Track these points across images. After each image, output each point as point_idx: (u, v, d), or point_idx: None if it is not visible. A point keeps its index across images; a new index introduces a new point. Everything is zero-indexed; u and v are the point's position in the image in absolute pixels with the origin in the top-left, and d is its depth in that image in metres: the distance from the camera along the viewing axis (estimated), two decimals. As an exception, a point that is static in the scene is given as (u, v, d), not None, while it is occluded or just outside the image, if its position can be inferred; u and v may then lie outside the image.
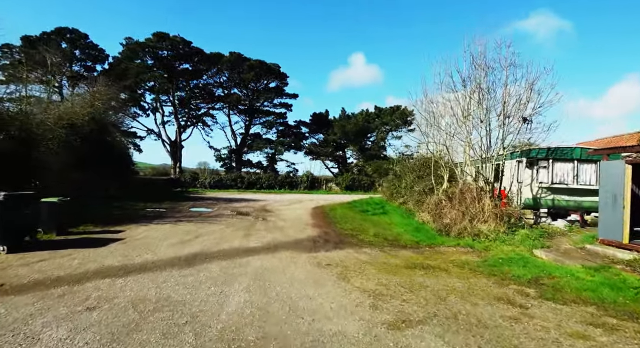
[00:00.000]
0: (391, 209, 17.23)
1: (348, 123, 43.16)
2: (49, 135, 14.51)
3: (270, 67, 41.24)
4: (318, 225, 12.93)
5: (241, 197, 26.43)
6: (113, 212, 13.88)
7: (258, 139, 45.09)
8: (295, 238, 10.25)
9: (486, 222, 10.61)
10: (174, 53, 38.37)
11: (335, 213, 16.23)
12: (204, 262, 7.08)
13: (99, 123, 18.29)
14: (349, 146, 46.21)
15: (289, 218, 14.55)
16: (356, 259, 7.80)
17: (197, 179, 36.20)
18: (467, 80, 11.45)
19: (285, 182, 36.84)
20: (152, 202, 19.05)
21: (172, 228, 11.01)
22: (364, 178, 37.52)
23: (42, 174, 14.60)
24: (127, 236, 9.53)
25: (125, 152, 23.03)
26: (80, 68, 40.45)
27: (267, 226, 12.22)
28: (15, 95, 18.71)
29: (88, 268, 6.42)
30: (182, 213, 14.73)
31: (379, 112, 46.57)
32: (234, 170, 42.61)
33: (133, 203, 17.43)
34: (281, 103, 45.54)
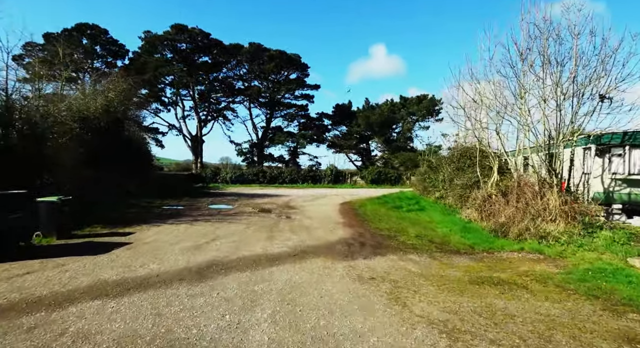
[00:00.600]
0: (427, 205, 15.56)
1: (372, 114, 41.29)
2: (60, 128, 13.64)
3: (290, 58, 39.80)
4: (349, 224, 11.48)
5: (263, 192, 25.30)
6: (126, 210, 12.90)
7: (279, 132, 43.92)
8: (325, 240, 8.84)
9: (554, 222, 8.86)
10: (192, 46, 37.52)
11: (366, 210, 14.73)
12: (219, 275, 5.78)
13: (115, 116, 17.41)
14: (373, 138, 44.37)
15: (315, 216, 13.17)
16: (404, 270, 6.31)
17: (219, 174, 35.41)
18: (526, 53, 9.63)
19: (308, 176, 35.52)
20: (170, 198, 18.12)
21: (187, 229, 9.82)
22: (390, 171, 35.71)
23: (53, 171, 13.81)
24: (135, 239, 8.39)
25: (144, 147, 22.25)
26: (102, 64, 40.34)
27: (292, 225, 10.87)
28: (37, 93, 18.11)
29: (79, 285, 5.24)
30: (200, 212, 13.61)
31: (405, 101, 44.43)
32: (255, 164, 41.68)
33: (150, 200, 16.51)
34: (302, 94, 44.14)
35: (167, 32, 35.35)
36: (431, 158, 18.25)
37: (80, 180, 15.98)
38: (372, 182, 34.73)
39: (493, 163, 11.93)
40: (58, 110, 14.12)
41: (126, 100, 18.58)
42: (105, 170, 17.50)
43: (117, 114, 17.97)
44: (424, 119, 43.27)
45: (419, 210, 14.28)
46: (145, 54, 36.39)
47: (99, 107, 15.94)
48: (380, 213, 13.95)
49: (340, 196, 22.26)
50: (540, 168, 9.70)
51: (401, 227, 10.96)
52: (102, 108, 16.25)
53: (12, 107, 12.85)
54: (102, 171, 17.29)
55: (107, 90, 16.87)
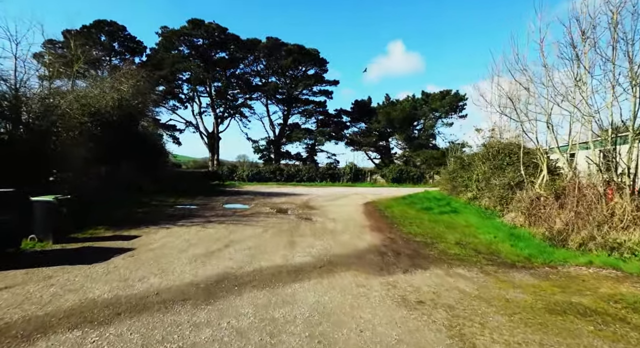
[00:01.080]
0: (460, 206, 14.20)
1: (394, 110, 39.83)
2: (68, 122, 12.96)
3: (309, 52, 38.71)
4: (377, 227, 10.30)
5: (280, 190, 24.33)
6: (136, 210, 12.07)
7: (297, 128, 42.95)
8: (354, 247, 7.71)
9: (625, 230, 7.47)
10: (209, 41, 36.89)
11: (393, 212, 13.50)
12: (231, 294, 4.73)
13: (127, 111, 16.72)
14: (393, 135, 42.90)
15: (338, 217, 12.05)
16: (457, 290, 5.13)
17: (235, 172, 34.73)
18: (589, 30, 8.21)
19: (326, 174, 34.43)
20: (184, 197, 17.33)
21: (198, 232, 8.86)
22: (412, 170, 34.22)
23: (61, 167, 13.16)
24: (140, 244, 7.45)
25: (159, 143, 21.61)
26: (120, 61, 40.20)
27: (314, 229, 9.78)
28: (45, 84, 17.63)
29: (61, 305, 4.28)
30: (214, 212, 12.68)
31: (427, 97, 42.72)
32: (272, 162, 40.86)
33: (163, 198, 15.72)
34: (321, 90, 42.99)
35: (184, 27, 34.82)
36: (462, 155, 16.80)
37: (89, 176, 15.35)
38: (393, 181, 33.33)
39: (541, 160, 10.52)
40: (67, 103, 13.43)
41: (139, 94, 17.88)
42: (117, 166, 16.86)
43: (130, 109, 17.29)
44: (447, 115, 41.50)
45: (453, 213, 12.96)
46: (162, 50, 35.99)
47: (111, 101, 15.24)
48: (409, 215, 12.71)
49: (361, 195, 21.06)
50: (604, 166, 8.27)
51: (437, 232, 9.71)
52: (113, 102, 15.56)
53: (20, 100, 12.24)
54: (113, 167, 16.65)
55: (119, 83, 16.16)
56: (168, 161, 23.08)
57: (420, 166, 36.80)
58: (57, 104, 12.80)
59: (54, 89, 13.97)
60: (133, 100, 17.22)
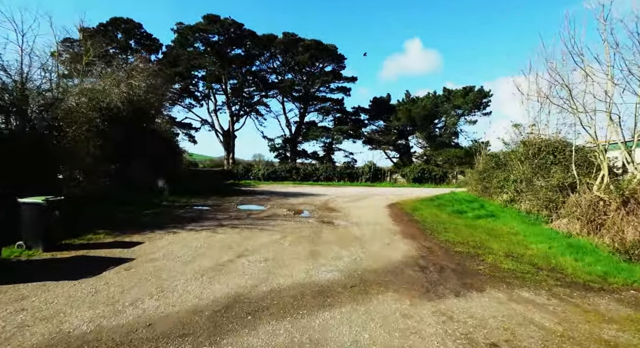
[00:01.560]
0: (496, 210, 12.85)
1: (414, 107, 38.32)
2: (74, 118, 12.23)
3: (326, 48, 37.54)
4: (409, 234, 9.12)
5: (297, 190, 23.31)
6: (143, 211, 11.20)
7: (313, 127, 41.89)
8: (387, 260, 6.57)
9: None
10: (225, 37, 36.16)
11: (423, 215, 12.26)
12: (243, 327, 3.68)
13: (138, 106, 15.96)
14: (414, 133, 41.38)
15: (363, 221, 10.90)
16: (534, 326, 3.94)
17: (251, 171, 33.93)
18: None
19: (344, 174, 33.24)
20: (197, 197, 16.49)
21: (208, 238, 7.87)
22: (434, 169, 32.67)
23: (67, 165, 12.46)
24: (140, 254, 6.49)
25: (173, 140, 20.86)
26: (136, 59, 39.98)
27: (338, 235, 8.68)
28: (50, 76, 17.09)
29: (22, 343, 3.29)
30: (228, 213, 11.71)
31: (448, 94, 40.97)
32: (288, 160, 39.93)
33: (174, 199, 14.89)
34: (338, 87, 41.78)
35: (199, 23, 34.17)
36: (498, 153, 15.30)
37: (98, 175, 14.65)
38: (414, 181, 31.89)
39: (600, 158, 9.11)
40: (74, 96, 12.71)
41: (152, 90, 17.13)
42: (128, 165, 16.13)
43: (141, 104, 16.54)
44: (470, 113, 39.67)
45: (490, 217, 11.62)
46: (177, 47, 35.47)
47: (121, 96, 14.48)
48: (441, 219, 11.45)
49: (383, 196, 19.83)
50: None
51: (478, 240, 8.46)
52: (124, 97, 14.80)
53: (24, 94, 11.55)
54: (123, 166, 15.93)
55: (129, 76, 15.41)
56: (182, 159, 22.36)
57: (442, 165, 35.21)
58: (62, 97, 12.07)
59: (61, 83, 13.25)
60: (145, 95, 16.45)
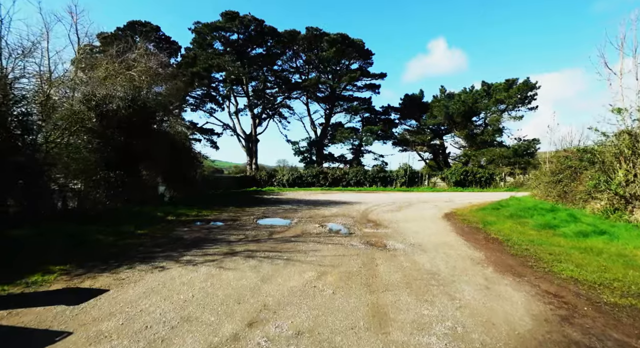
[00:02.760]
0: (598, 222, 9.55)
1: (453, 103, 34.81)
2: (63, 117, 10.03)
3: (353, 43, 34.79)
4: (505, 265, 6.12)
5: (327, 198, 20.52)
6: (136, 230, 8.66)
7: (341, 127, 39.04)
8: (510, 328, 3.64)
9: None
10: (245, 36, 34.14)
11: (501, 231, 9.16)
12: None
13: (142, 104, 13.72)
14: (450, 132, 37.81)
15: (425, 241, 7.97)
16: None
17: (274, 177, 31.55)
18: None
19: (376, 178, 30.19)
20: (212, 207, 14.00)
21: (207, 280, 5.17)
22: (479, 171, 29.04)
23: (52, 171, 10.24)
24: (86, 320, 3.86)
25: (186, 144, 18.59)
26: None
27: (401, 269, 5.80)
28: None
29: None
30: (244, 232, 9.03)
31: (488, 88, 37.14)
32: (314, 165, 37.28)
33: (184, 210, 12.41)
34: (366, 84, 38.93)
35: (218, 21, 32.29)
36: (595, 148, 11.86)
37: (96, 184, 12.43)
38: (456, 184, 28.41)
39: None
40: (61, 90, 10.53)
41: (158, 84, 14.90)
42: (132, 172, 13.87)
43: (148, 102, 14.31)
44: (514, 108, 35.69)
45: (601, 235, 8.37)
46: (196, 47, 33.74)
47: (120, 91, 12.25)
48: (532, 238, 8.31)
49: (430, 203, 16.71)
50: None
51: (631, 280, 5.34)
52: (125, 92, 12.57)
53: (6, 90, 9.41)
54: (127, 173, 13.66)
55: (129, 67, 13.19)
56: (198, 166, 20.07)
57: (486, 167, 31.51)
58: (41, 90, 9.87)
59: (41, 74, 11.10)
60: (149, 90, 14.22)
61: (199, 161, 21.91)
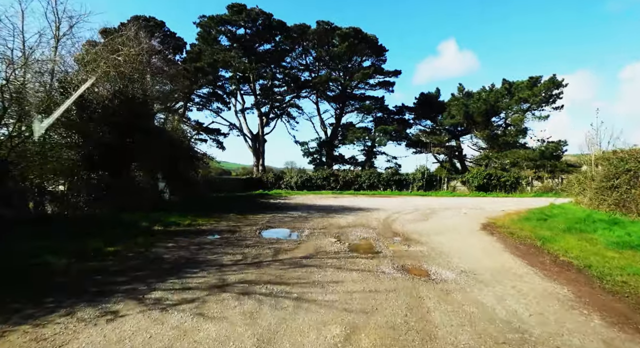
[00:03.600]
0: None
1: (472, 101, 32.71)
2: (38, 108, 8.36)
3: (366, 37, 32.87)
4: (619, 314, 4.17)
5: (340, 203, 18.61)
6: (105, 247, 6.80)
7: (353, 127, 37.10)
8: None
9: None
10: (252, 31, 32.49)
11: (569, 250, 7.16)
12: None
13: (132, 96, 12.03)
14: (468, 133, 35.63)
15: (476, 266, 6.06)
16: None
17: (282, 179, 29.75)
18: None
19: (391, 181, 28.19)
20: (210, 214, 12.20)
21: (178, 339, 3.33)
22: (503, 175, 26.84)
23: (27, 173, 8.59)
24: None
25: (184, 143, 16.87)
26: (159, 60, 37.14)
27: (466, 320, 3.90)
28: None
29: None
30: (241, 249, 7.17)
31: (509, 87, 34.86)
32: (324, 166, 35.40)
33: (176, 219, 10.61)
34: (380, 82, 36.94)
35: (224, 15, 30.69)
36: None
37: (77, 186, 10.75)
38: (479, 189, 26.26)
39: None
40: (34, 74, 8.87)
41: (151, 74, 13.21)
42: (120, 173, 12.16)
43: (138, 94, 12.62)
44: (538, 107, 33.40)
45: None
46: (201, 42, 32.17)
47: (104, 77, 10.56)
48: (616, 262, 6.31)
49: (457, 211, 14.71)
50: None
51: None
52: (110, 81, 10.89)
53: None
54: (115, 174, 11.96)
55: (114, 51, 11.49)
56: (204, 166, 18.37)
57: (509, 169, 29.31)
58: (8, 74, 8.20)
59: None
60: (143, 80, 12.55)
61: (205, 162, 20.21)
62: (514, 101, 33.17)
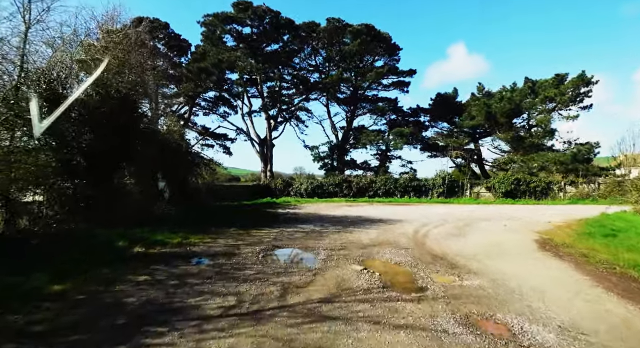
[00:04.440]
0: None
1: (495, 101, 30.57)
2: None
3: (379, 35, 31.04)
4: None
5: (356, 212, 16.69)
6: (48, 285, 5.01)
7: (366, 130, 35.10)
8: None
9: None
10: (259, 30, 30.97)
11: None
12: None
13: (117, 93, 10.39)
14: (491, 134, 33.39)
15: (577, 318, 4.13)
16: None
17: (291, 186, 27.94)
18: None
19: (408, 187, 26.12)
20: (207, 229, 10.40)
21: None
22: (532, 179, 24.54)
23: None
24: None
25: (181, 147, 15.17)
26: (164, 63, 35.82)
27: None
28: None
29: None
30: (237, 285, 5.31)
31: (533, 85, 32.58)
32: (335, 172, 33.51)
33: (165, 235, 8.82)
34: (394, 82, 35.03)
35: (229, 12, 29.22)
36: None
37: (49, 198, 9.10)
38: (506, 195, 24.02)
39: None
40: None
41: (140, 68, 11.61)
42: (102, 182, 10.46)
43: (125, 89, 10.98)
44: (565, 106, 31.06)
45: None
46: (205, 42, 30.73)
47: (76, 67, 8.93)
48: None
49: (494, 222, 12.67)
50: None
51: None
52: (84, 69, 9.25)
53: None
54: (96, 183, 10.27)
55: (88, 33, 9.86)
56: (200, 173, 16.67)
57: (536, 173, 27.01)
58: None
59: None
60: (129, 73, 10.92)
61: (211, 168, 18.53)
62: (538, 100, 30.88)
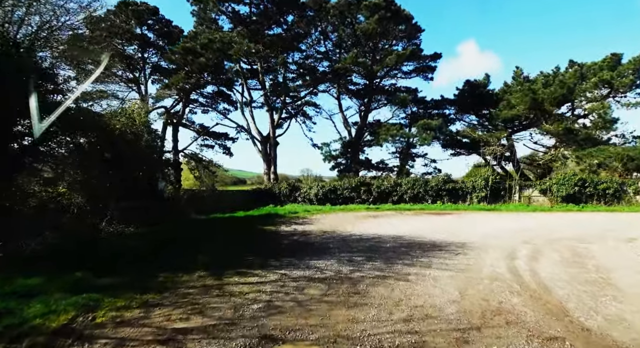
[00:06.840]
0: None
1: (539, 86, 25.74)
2: None
3: (399, 11, 26.42)
4: None
5: (390, 229, 12.02)
6: None
7: (387, 123, 30.47)
8: None
9: None
10: (258, 10, 26.60)
11: None
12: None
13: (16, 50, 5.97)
14: (533, 126, 28.53)
15: None
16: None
17: (298, 190, 23.43)
18: None
19: (442, 191, 21.38)
20: (154, 275, 5.86)
21: None
22: (601, 181, 19.63)
23: None
24: None
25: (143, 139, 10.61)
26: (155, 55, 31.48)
27: None
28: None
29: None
30: None
31: (580, 69, 27.57)
32: (349, 173, 28.90)
33: (57, 300, 4.34)
34: (416, 68, 30.41)
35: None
36: None
37: None
38: (567, 200, 19.16)
39: None
40: None
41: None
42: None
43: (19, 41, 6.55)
44: (623, 93, 26.10)
45: None
46: (197, 23, 26.48)
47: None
48: None
49: (598, 242, 7.94)
50: None
51: None
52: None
53: None
54: None
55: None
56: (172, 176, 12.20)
57: (597, 172, 22.16)
58: None
59: None
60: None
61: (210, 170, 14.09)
62: (590, 85, 25.91)
